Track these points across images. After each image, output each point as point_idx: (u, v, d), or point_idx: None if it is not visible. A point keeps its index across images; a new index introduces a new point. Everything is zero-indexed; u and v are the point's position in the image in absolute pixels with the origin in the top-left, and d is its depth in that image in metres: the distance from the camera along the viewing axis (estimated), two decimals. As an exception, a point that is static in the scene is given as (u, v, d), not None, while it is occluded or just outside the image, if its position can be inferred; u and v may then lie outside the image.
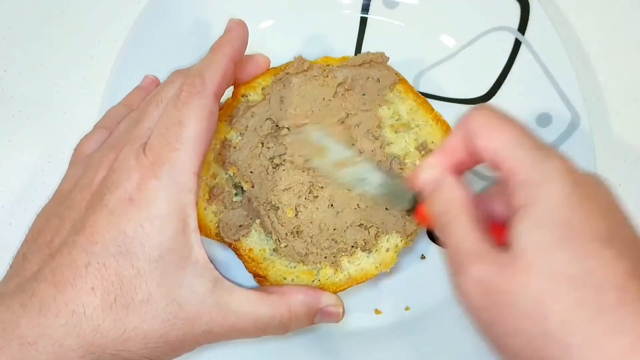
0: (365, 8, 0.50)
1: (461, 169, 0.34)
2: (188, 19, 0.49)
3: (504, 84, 0.48)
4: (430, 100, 0.46)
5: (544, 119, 0.47)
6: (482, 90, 0.49)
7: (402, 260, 0.44)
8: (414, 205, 0.38)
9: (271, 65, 0.45)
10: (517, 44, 0.48)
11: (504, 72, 0.49)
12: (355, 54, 0.50)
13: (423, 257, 0.47)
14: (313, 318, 0.39)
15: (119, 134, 0.39)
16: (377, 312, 0.46)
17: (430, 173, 0.34)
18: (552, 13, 0.52)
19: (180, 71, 0.40)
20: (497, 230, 0.32)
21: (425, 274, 0.46)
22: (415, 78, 0.49)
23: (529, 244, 0.28)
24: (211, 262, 0.35)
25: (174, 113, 0.35)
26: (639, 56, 0.52)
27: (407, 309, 0.46)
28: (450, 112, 0.46)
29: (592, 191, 0.29)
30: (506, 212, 0.32)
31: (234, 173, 0.43)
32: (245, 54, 0.41)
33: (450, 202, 0.32)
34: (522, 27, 0.48)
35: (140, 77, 0.46)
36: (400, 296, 0.46)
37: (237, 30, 0.40)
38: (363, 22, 0.50)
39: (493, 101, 0.49)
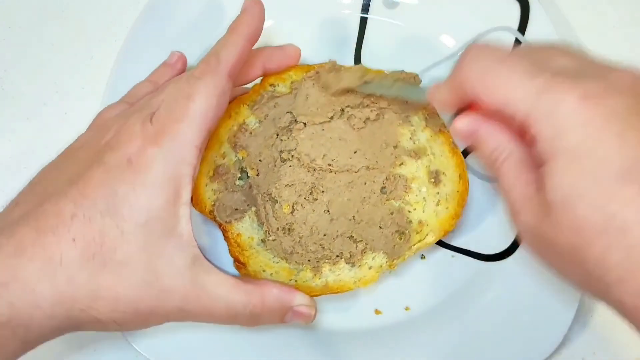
0: (365, 8, 0.50)
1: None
2: (188, 20, 0.49)
3: (504, 84, 0.48)
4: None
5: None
6: (482, 90, 0.49)
7: (381, 275, 0.44)
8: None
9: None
10: (517, 44, 0.48)
11: (504, 72, 0.48)
12: (355, 54, 0.50)
13: (423, 257, 0.47)
14: (284, 315, 0.39)
15: (137, 106, 0.39)
16: (377, 312, 0.46)
17: (466, 125, 0.34)
18: (552, 13, 0.52)
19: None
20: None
21: (425, 274, 0.46)
22: (415, 78, 0.49)
23: (556, 201, 0.29)
24: (195, 240, 0.35)
25: (185, 87, 0.36)
26: (639, 56, 0.52)
27: (407, 309, 0.46)
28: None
29: (606, 122, 0.28)
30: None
31: (242, 157, 0.43)
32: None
33: (498, 149, 0.33)
34: (522, 27, 0.48)
35: (141, 77, 0.45)
36: (400, 296, 0.46)
37: (254, 10, 0.40)
38: (363, 22, 0.50)
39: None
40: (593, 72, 0.30)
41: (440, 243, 0.47)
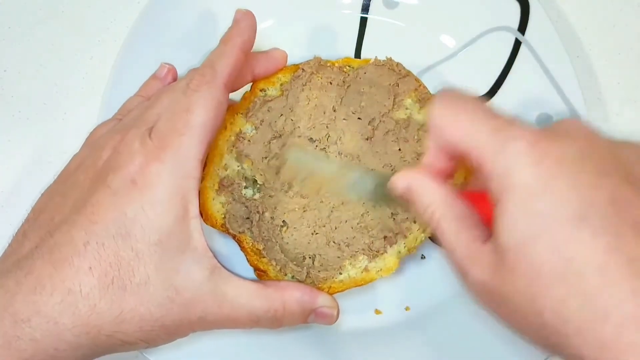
0: (365, 8, 0.50)
1: (449, 174, 0.33)
2: (188, 19, 0.49)
3: (504, 84, 0.48)
4: (430, 100, 0.46)
5: (544, 119, 0.47)
6: (482, 90, 0.49)
7: (402, 260, 0.44)
8: None
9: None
10: (517, 44, 0.48)
11: (504, 72, 0.49)
12: (355, 54, 0.50)
13: (423, 257, 0.47)
14: (307, 317, 0.39)
15: (129, 119, 0.39)
16: (377, 312, 0.46)
17: (401, 181, 0.33)
18: (552, 13, 0.52)
19: (195, 69, 0.41)
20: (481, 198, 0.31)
21: (425, 274, 0.46)
22: (415, 78, 0.49)
23: (509, 244, 0.27)
24: (211, 251, 0.35)
25: (183, 100, 0.36)
26: (639, 56, 0.52)
27: (407, 309, 0.46)
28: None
29: (557, 164, 0.27)
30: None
31: (248, 166, 0.43)
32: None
33: (431, 206, 0.31)
34: (522, 27, 0.48)
35: (141, 77, 0.45)
36: (400, 296, 0.46)
37: (246, 21, 0.40)
38: (363, 22, 0.50)
39: (493, 101, 0.49)
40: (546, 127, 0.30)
41: (438, 242, 0.47)
